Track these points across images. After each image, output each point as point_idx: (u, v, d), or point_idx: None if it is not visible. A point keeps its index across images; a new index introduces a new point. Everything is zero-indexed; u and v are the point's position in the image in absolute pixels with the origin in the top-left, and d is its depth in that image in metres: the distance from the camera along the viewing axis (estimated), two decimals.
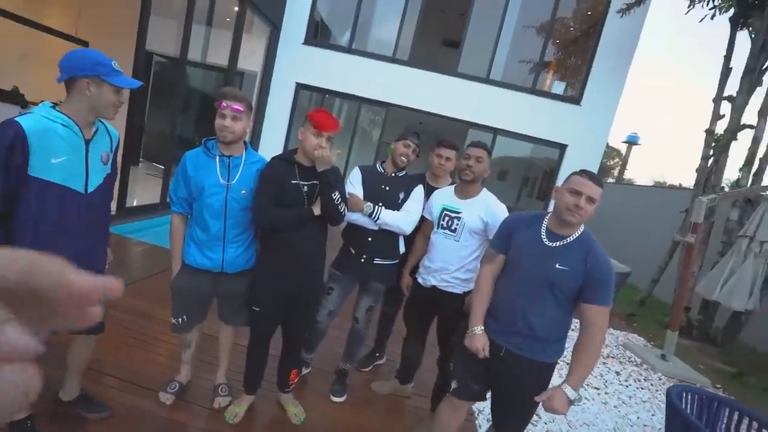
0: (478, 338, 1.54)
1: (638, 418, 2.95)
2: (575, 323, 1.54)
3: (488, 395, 1.70)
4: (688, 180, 27.40)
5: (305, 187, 1.74)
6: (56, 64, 1.35)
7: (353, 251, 2.12)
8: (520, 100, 6.95)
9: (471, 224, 1.93)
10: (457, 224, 1.96)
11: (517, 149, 7.53)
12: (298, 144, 1.77)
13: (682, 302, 4.31)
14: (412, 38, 6.96)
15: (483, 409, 2.54)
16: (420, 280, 2.13)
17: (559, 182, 5.89)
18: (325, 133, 1.66)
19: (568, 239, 1.46)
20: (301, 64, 6.90)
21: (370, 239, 2.08)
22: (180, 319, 1.81)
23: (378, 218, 2.02)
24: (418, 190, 2.14)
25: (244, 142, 1.75)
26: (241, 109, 1.63)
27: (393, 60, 6.95)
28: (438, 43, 9.55)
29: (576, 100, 6.94)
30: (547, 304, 1.45)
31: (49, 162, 1.29)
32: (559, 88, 7.39)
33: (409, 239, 2.23)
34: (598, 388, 3.25)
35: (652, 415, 3.04)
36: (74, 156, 1.37)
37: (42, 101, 1.37)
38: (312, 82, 7.02)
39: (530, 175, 8.86)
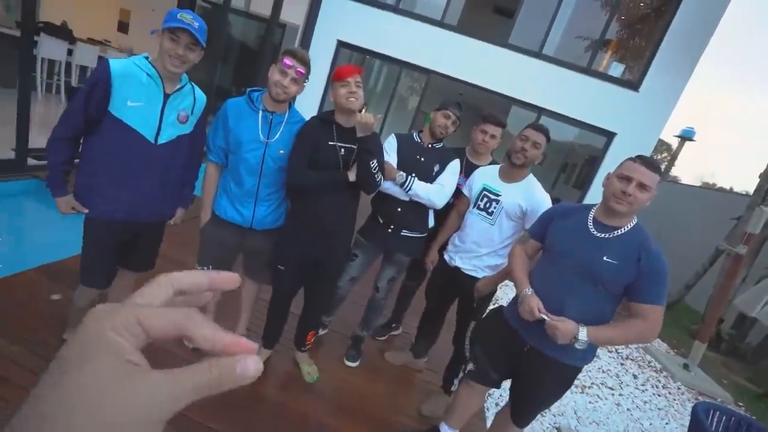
0: (529, 299, 1.40)
1: (651, 424, 2.87)
2: None
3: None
4: (741, 185, 25.45)
5: (342, 150, 1.67)
6: (102, 2, 1.41)
7: (381, 220, 2.07)
8: (572, 79, 6.46)
9: (509, 209, 1.82)
10: (495, 207, 1.85)
11: (561, 132, 7.09)
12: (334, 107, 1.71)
13: (718, 314, 4.08)
14: (464, 2, 6.50)
15: (493, 392, 2.53)
16: (446, 257, 2.07)
17: (601, 172, 5.55)
18: (350, 79, 1.60)
19: (618, 231, 1.34)
20: (344, 21, 6.62)
21: (399, 210, 2.01)
22: (205, 268, 1.83)
23: (410, 189, 1.94)
24: (454, 164, 2.03)
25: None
26: (304, 72, 1.59)
27: (441, 24, 6.55)
28: (490, 9, 8.91)
29: (634, 85, 6.38)
30: (587, 299, 1.35)
31: (125, 103, 1.39)
32: (617, 70, 6.79)
33: (440, 214, 2.15)
34: (612, 388, 3.17)
35: (666, 423, 2.96)
36: (151, 105, 1.44)
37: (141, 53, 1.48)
38: (354, 41, 6.76)
39: (570, 161, 8.42)
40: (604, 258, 1.31)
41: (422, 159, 2.01)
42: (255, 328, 2.15)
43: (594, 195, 6.68)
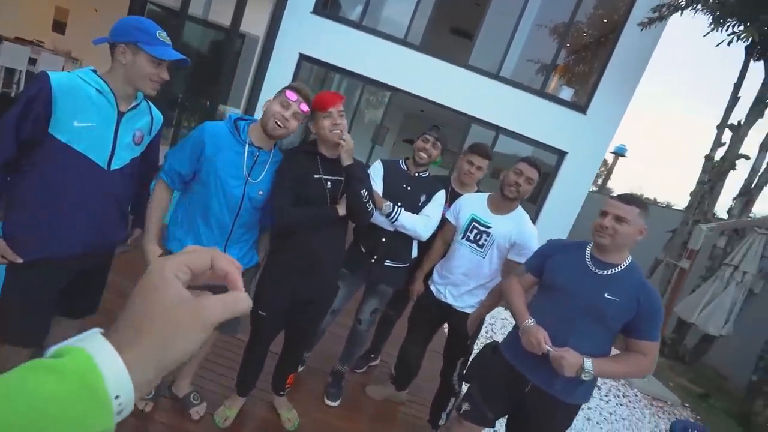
0: (534, 330, 1.37)
1: None
2: None
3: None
4: (665, 197, 28.37)
5: (328, 183, 1.57)
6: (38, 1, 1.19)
7: (364, 250, 1.98)
8: (526, 101, 6.83)
9: (500, 242, 1.82)
10: (486, 240, 1.84)
11: (516, 150, 7.43)
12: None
13: (666, 324, 4.40)
14: (426, 23, 6.67)
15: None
16: (433, 289, 2.02)
17: (554, 188, 5.88)
18: (332, 109, 1.50)
19: (616, 268, 1.38)
20: (306, 35, 6.51)
21: (384, 240, 1.94)
22: None
23: (396, 220, 1.87)
24: (440, 195, 2.00)
25: None
26: (306, 111, 1.47)
27: (404, 43, 6.65)
28: (451, 31, 9.24)
29: (582, 108, 6.88)
30: (590, 338, 1.36)
31: (71, 124, 1.18)
32: (566, 93, 7.29)
33: (423, 243, 2.10)
34: None
35: None
36: (103, 125, 1.24)
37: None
38: (316, 55, 6.65)
39: None
40: (606, 295, 1.33)
41: (408, 188, 1.96)
42: (231, 374, 1.95)
43: (548, 209, 7.03)
